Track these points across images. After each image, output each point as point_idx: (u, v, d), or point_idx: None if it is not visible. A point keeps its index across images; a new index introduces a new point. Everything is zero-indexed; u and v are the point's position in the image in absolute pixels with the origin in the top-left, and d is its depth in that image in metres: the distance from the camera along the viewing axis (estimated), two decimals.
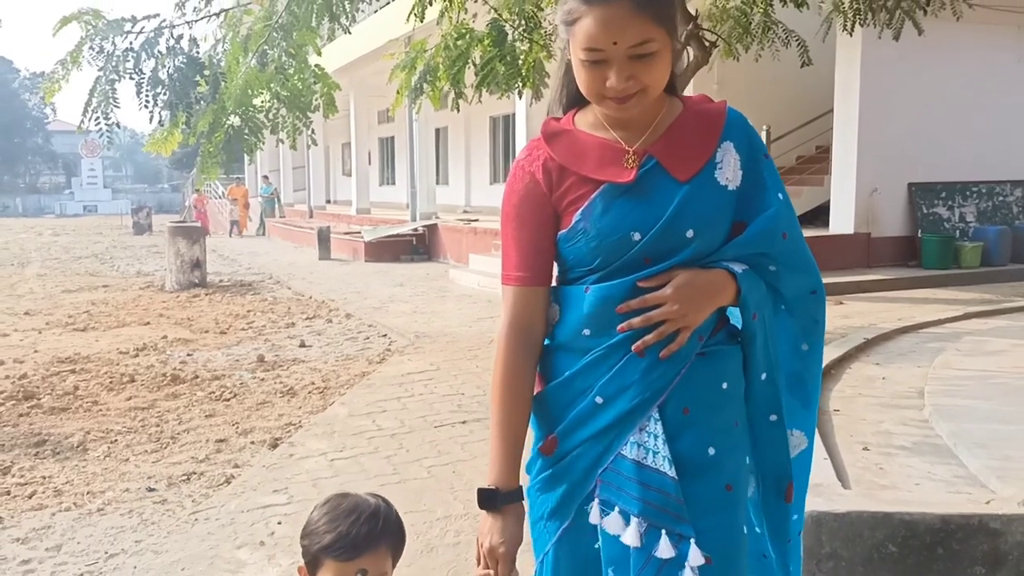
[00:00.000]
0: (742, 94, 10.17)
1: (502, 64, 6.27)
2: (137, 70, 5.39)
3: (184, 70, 5.50)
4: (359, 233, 16.96)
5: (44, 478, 4.21)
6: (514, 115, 14.79)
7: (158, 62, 5.46)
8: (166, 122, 5.81)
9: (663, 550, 1.41)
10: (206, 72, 5.69)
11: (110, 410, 5.54)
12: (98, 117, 5.24)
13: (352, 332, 8.39)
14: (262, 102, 6.24)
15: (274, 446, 4.68)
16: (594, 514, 1.48)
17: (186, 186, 39.09)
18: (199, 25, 5.99)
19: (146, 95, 5.42)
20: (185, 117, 5.61)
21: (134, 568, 3.20)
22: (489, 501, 1.50)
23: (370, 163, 25.06)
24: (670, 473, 1.42)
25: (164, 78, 5.48)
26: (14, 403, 5.66)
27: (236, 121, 5.98)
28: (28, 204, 52.33)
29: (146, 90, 5.42)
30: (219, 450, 4.65)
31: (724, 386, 1.50)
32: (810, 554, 2.60)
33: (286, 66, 5.96)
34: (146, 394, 5.93)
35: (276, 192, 27.47)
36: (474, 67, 6.47)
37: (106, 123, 5.24)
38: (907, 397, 4.69)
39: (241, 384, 6.17)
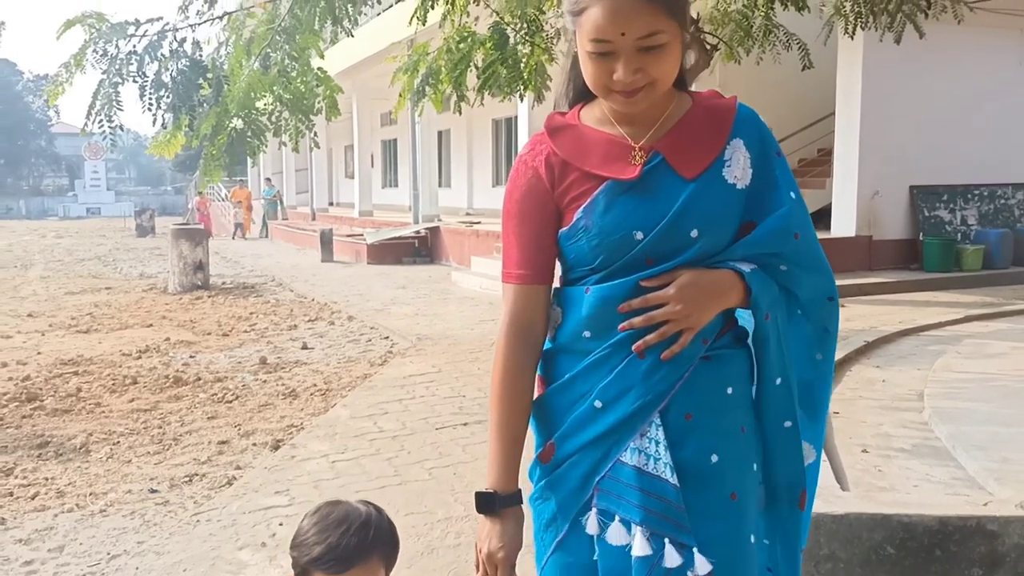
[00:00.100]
0: (744, 97, 9.89)
1: (504, 67, 6.27)
2: (140, 73, 5.40)
3: (187, 73, 5.51)
4: (361, 235, 16.99)
5: (47, 479, 4.23)
6: (516, 118, 14.80)
7: (161, 65, 5.47)
8: (169, 125, 5.82)
9: (669, 559, 1.35)
10: (209, 75, 5.70)
11: (113, 412, 5.56)
12: (101, 120, 5.25)
13: (354, 334, 8.41)
14: (265, 105, 6.24)
15: (276, 448, 4.70)
16: (591, 525, 1.42)
17: (189, 188, 39.19)
18: (202, 28, 6.02)
19: (149, 98, 5.43)
20: (188, 120, 5.62)
21: (136, 569, 3.22)
22: (487, 505, 1.45)
23: (373, 166, 25.10)
24: (671, 480, 1.37)
25: (167, 81, 5.49)
26: (17, 405, 5.68)
27: (239, 124, 5.98)
28: (32, 206, 52.41)
29: (149, 93, 5.43)
30: (221, 452, 4.66)
31: (729, 391, 1.44)
32: (808, 556, 2.60)
33: (289, 69, 5.98)
34: (148, 396, 5.95)
35: (279, 194, 27.50)
36: (476, 70, 6.48)
37: (109, 126, 5.25)
38: (907, 400, 4.69)
39: (243, 386, 6.19)
